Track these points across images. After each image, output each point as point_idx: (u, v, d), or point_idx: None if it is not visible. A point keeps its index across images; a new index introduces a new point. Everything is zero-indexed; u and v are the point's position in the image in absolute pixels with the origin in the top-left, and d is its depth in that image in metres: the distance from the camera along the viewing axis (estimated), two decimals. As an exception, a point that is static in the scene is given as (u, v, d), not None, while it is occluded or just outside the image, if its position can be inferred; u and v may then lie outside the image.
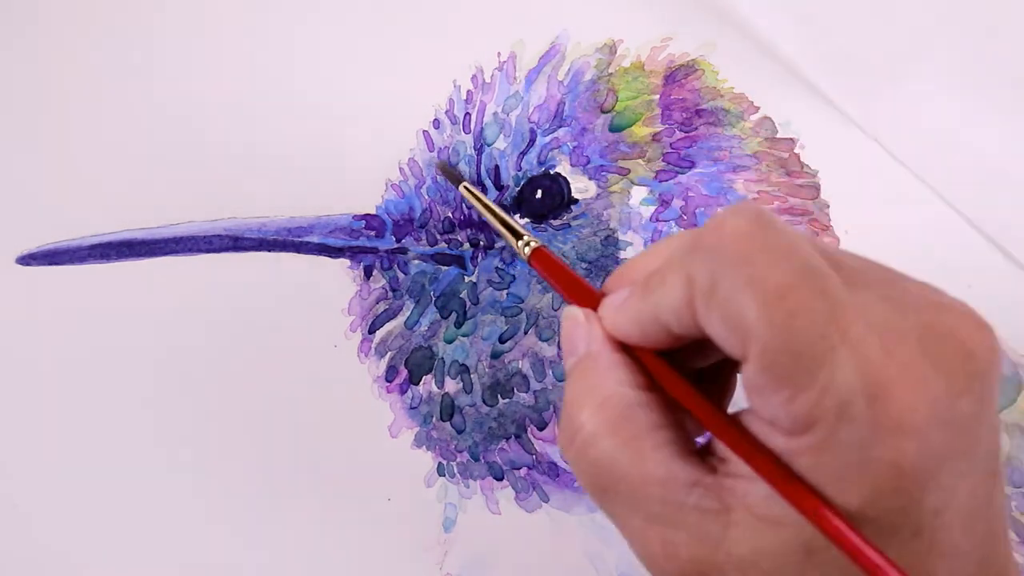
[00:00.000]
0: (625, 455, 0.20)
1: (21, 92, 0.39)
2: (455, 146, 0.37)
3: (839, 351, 0.17)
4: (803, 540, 0.19)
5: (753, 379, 0.18)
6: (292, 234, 0.37)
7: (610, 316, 0.22)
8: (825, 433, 0.18)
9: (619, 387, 0.21)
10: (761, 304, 0.18)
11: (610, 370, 0.22)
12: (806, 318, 0.17)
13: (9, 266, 0.36)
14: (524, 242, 0.28)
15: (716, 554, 0.19)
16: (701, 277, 0.19)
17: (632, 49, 0.39)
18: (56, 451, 0.35)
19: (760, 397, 0.18)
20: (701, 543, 0.19)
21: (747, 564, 0.19)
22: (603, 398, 0.21)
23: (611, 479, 0.21)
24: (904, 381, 0.18)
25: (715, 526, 0.19)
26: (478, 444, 0.35)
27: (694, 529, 0.20)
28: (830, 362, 0.17)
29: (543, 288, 0.36)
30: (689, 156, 0.37)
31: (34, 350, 0.36)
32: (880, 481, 0.18)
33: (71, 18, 0.40)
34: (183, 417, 0.35)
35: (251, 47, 0.40)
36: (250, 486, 0.35)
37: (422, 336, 0.36)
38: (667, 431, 0.21)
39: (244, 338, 0.36)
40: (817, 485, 0.18)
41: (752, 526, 0.19)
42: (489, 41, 0.39)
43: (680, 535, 0.20)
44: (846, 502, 0.18)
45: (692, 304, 0.19)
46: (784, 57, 0.39)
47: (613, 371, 0.22)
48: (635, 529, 0.21)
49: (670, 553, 0.20)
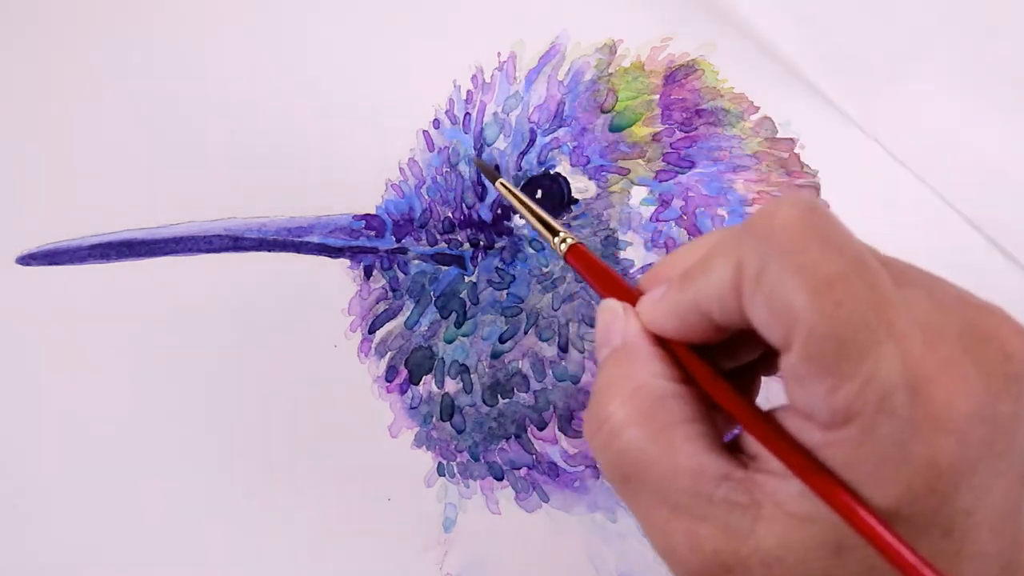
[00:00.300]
0: (655, 445, 0.20)
1: (21, 92, 0.39)
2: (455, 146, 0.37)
3: (884, 344, 0.17)
4: (834, 537, 0.18)
5: (795, 368, 0.18)
6: (292, 234, 0.37)
7: (648, 309, 0.22)
8: (864, 426, 0.18)
9: (652, 378, 0.21)
10: (810, 292, 0.18)
11: (645, 361, 0.22)
12: (853, 308, 0.17)
13: (9, 266, 0.36)
14: (560, 239, 0.28)
15: (742, 548, 0.19)
16: (750, 262, 0.19)
17: (632, 49, 0.39)
18: (56, 451, 0.35)
19: (801, 387, 0.18)
20: (727, 536, 0.19)
21: (772, 559, 0.19)
22: (635, 387, 0.21)
23: (638, 468, 0.20)
24: (945, 377, 0.18)
25: (743, 520, 0.19)
26: (478, 444, 0.35)
27: (721, 522, 0.19)
28: (875, 354, 0.17)
29: (543, 288, 0.36)
30: (689, 156, 0.37)
31: (34, 350, 0.36)
32: (916, 479, 0.18)
33: (71, 18, 0.40)
34: (183, 417, 0.35)
35: (251, 47, 0.40)
36: (250, 486, 0.35)
37: (422, 336, 0.36)
38: (699, 424, 0.21)
39: (244, 338, 0.36)
40: (851, 482, 0.18)
41: (781, 521, 0.19)
42: (489, 41, 0.39)
43: (706, 527, 0.20)
44: (881, 499, 0.18)
45: (739, 289, 0.19)
46: (784, 57, 0.39)
47: (647, 362, 0.22)
48: (659, 520, 0.20)
49: (694, 545, 0.20)
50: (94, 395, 0.36)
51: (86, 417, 0.35)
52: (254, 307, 0.37)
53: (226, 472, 0.35)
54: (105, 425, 0.35)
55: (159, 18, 0.40)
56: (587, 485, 0.35)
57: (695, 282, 0.20)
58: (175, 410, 0.36)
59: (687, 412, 0.21)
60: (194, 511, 0.35)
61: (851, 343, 0.17)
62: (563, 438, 0.35)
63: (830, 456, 0.18)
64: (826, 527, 0.18)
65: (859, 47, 0.40)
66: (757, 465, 0.20)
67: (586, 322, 0.36)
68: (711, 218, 0.37)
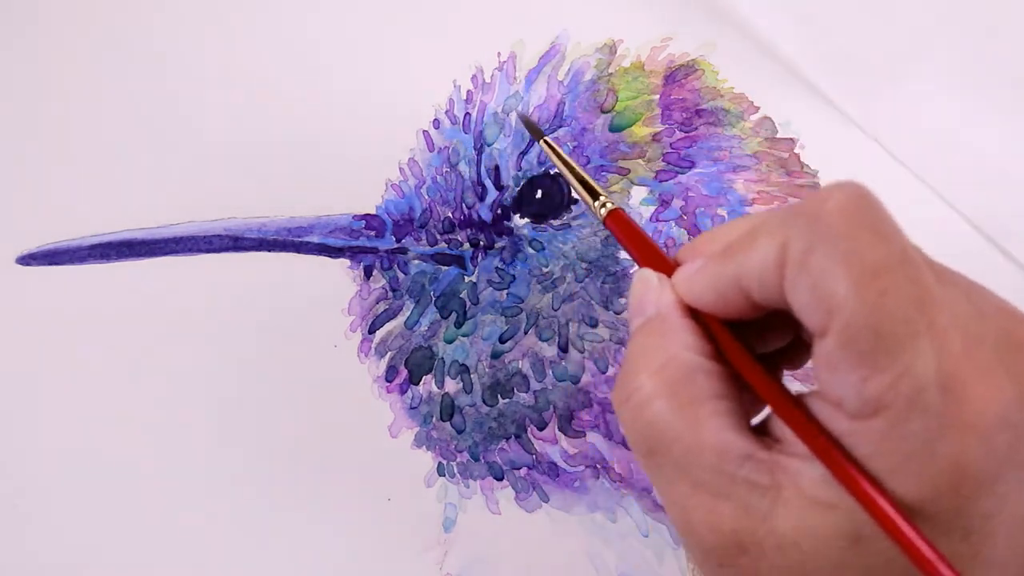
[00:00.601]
0: (681, 418, 0.20)
1: (21, 92, 0.39)
2: (455, 146, 0.37)
3: (922, 339, 0.17)
4: (852, 527, 0.18)
5: (830, 354, 0.18)
6: (292, 234, 0.37)
7: (685, 280, 0.22)
8: (894, 419, 0.18)
9: (683, 351, 0.21)
10: (854, 279, 0.18)
11: (677, 333, 0.21)
12: (896, 300, 0.17)
13: (9, 266, 0.36)
14: (600, 203, 0.27)
15: (759, 528, 0.19)
16: (797, 243, 0.19)
17: (632, 49, 0.39)
18: (56, 451, 0.35)
19: (834, 374, 0.18)
20: (747, 515, 0.19)
21: (788, 542, 0.19)
22: (666, 359, 0.21)
23: (663, 441, 0.20)
24: (979, 381, 0.18)
25: (763, 501, 0.19)
26: (478, 444, 0.35)
27: (741, 501, 0.19)
28: (912, 348, 0.17)
29: (543, 288, 0.36)
30: (689, 156, 0.37)
31: (34, 350, 0.36)
32: (941, 477, 0.18)
33: (71, 18, 0.40)
34: (183, 417, 0.35)
35: (251, 47, 0.40)
36: (250, 486, 0.35)
37: (422, 336, 0.36)
38: (727, 402, 0.21)
39: (244, 338, 0.36)
40: (875, 473, 0.18)
41: (801, 505, 0.19)
42: (489, 41, 0.39)
43: (726, 505, 0.19)
44: (904, 494, 0.18)
45: (782, 269, 0.19)
46: (784, 57, 0.39)
47: (679, 335, 0.21)
48: (679, 495, 0.20)
49: (712, 522, 0.20)
50: (94, 395, 0.36)
51: (86, 417, 0.35)
52: (254, 307, 0.37)
53: (226, 472, 0.35)
54: (105, 425, 0.35)
55: (159, 18, 0.40)
56: (587, 485, 0.35)
57: (737, 256, 0.20)
58: (175, 410, 0.36)
59: (716, 388, 0.21)
60: (194, 511, 0.35)
61: (890, 335, 0.17)
62: (563, 438, 0.35)
63: (856, 445, 0.18)
64: (845, 516, 0.18)
65: (859, 47, 0.40)
66: (782, 448, 0.20)
67: (586, 322, 0.36)
68: (711, 218, 0.37)
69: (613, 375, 0.35)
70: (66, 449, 0.35)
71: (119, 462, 0.35)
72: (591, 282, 0.36)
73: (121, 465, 0.35)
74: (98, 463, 0.35)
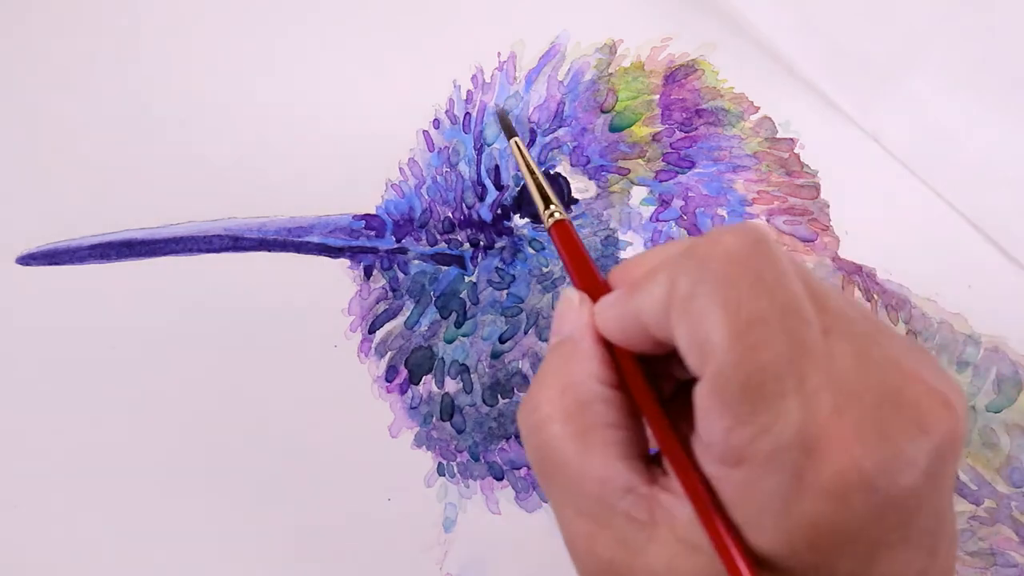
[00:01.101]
0: (572, 444, 0.20)
1: (21, 92, 0.39)
2: (455, 146, 0.37)
3: (789, 398, 0.17)
4: (715, 570, 0.18)
5: (702, 399, 0.18)
6: (292, 234, 0.37)
7: (600, 311, 0.22)
8: (752, 473, 0.18)
9: (587, 378, 0.21)
10: (728, 329, 0.18)
11: (583, 360, 0.22)
12: (767, 356, 0.17)
13: (9, 266, 0.36)
14: (550, 212, 0.27)
15: (634, 563, 0.19)
16: (682, 284, 0.19)
17: (632, 49, 0.39)
18: (56, 451, 0.35)
19: (705, 419, 0.18)
20: (623, 547, 0.20)
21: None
22: (567, 384, 0.21)
23: (553, 464, 0.21)
24: (844, 444, 0.17)
25: (639, 536, 0.19)
26: (478, 444, 0.35)
27: (619, 532, 0.20)
28: (776, 407, 0.17)
29: (543, 288, 0.36)
30: (689, 156, 0.37)
31: (34, 350, 0.36)
32: (796, 533, 0.18)
33: (71, 18, 0.40)
34: (183, 417, 0.35)
35: (251, 47, 0.40)
36: (250, 486, 0.35)
37: (422, 336, 0.36)
38: (620, 432, 0.21)
39: (244, 338, 0.36)
40: (737, 520, 0.18)
41: (672, 546, 0.19)
42: (489, 41, 0.39)
43: (604, 535, 0.20)
44: (759, 545, 0.18)
45: (668, 309, 0.19)
46: (784, 57, 0.39)
47: (586, 361, 0.22)
48: (566, 518, 0.21)
49: (591, 549, 0.20)
50: (94, 395, 0.36)
51: (86, 417, 0.35)
52: (254, 307, 0.37)
53: (226, 472, 0.35)
54: (105, 425, 0.35)
55: (160, 18, 0.40)
56: (587, 485, 0.35)
57: (638, 294, 0.20)
58: (175, 410, 0.36)
59: (612, 417, 0.21)
60: (193, 511, 0.35)
61: (756, 390, 0.17)
62: (563, 438, 0.35)
63: (723, 491, 0.18)
64: (710, 560, 0.19)
65: (859, 47, 0.40)
66: (667, 483, 0.20)
67: (586, 322, 0.36)
68: (711, 218, 0.37)
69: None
70: (66, 449, 0.35)
71: (119, 462, 0.35)
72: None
73: (121, 465, 0.35)
74: (98, 463, 0.35)
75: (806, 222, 0.37)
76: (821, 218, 0.37)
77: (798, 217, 0.37)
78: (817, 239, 0.37)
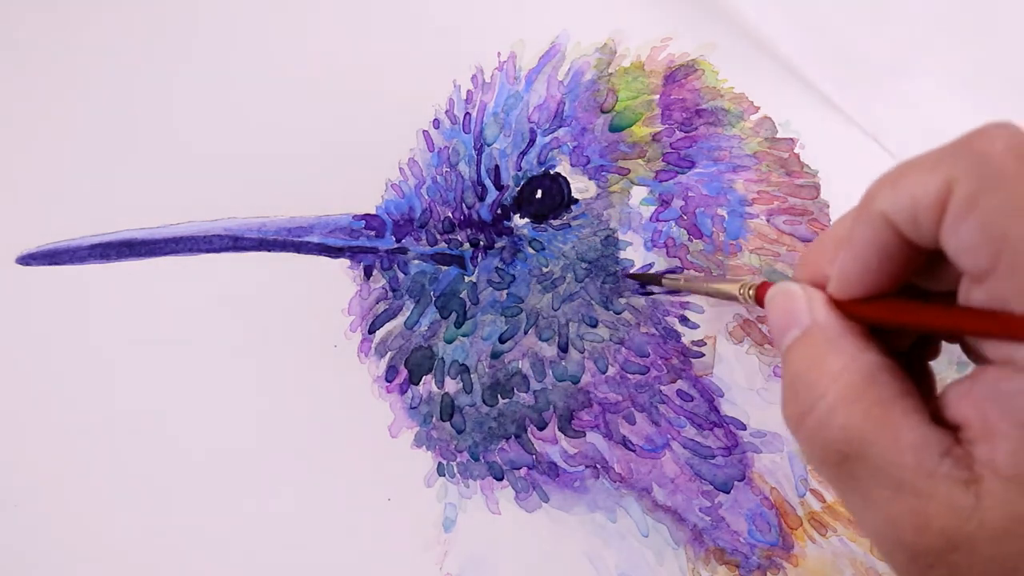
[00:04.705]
0: (872, 422, 0.20)
1: (21, 92, 0.39)
2: (455, 146, 0.37)
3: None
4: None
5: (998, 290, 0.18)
6: (292, 234, 0.37)
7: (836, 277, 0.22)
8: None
9: (859, 353, 0.21)
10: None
11: (844, 337, 0.21)
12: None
13: (9, 266, 0.36)
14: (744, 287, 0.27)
15: (967, 525, 0.18)
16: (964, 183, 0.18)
17: (632, 49, 0.39)
18: (56, 451, 0.35)
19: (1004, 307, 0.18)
20: (953, 514, 0.18)
21: (1001, 533, 0.18)
22: (842, 365, 0.20)
23: (858, 448, 0.20)
24: None
25: (967, 495, 0.18)
26: (478, 444, 0.35)
27: (945, 500, 0.19)
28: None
29: (543, 288, 0.36)
30: (689, 156, 0.37)
31: (34, 350, 0.36)
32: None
33: (72, 18, 0.40)
34: (182, 417, 0.35)
35: (251, 47, 0.40)
36: (250, 486, 0.35)
37: (422, 336, 0.36)
38: (912, 399, 0.20)
39: (244, 338, 0.36)
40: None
41: (1004, 491, 0.18)
42: (489, 41, 0.39)
43: (933, 505, 0.19)
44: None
45: (943, 205, 0.19)
46: (784, 57, 0.39)
47: (848, 337, 0.21)
48: (881, 501, 0.20)
49: (921, 525, 0.19)
50: (94, 395, 0.36)
51: (86, 417, 0.35)
52: (254, 307, 0.37)
53: (225, 472, 0.35)
54: (105, 425, 0.35)
55: (160, 18, 0.40)
56: (587, 485, 0.35)
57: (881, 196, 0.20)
58: (174, 410, 0.36)
59: (899, 384, 0.20)
60: (193, 510, 0.35)
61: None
62: (563, 438, 0.35)
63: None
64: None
65: (859, 47, 0.40)
66: (967, 435, 0.19)
67: (586, 322, 0.36)
68: (711, 218, 0.37)
69: (613, 375, 0.35)
70: (67, 449, 0.35)
71: (119, 462, 0.35)
72: (591, 282, 0.36)
73: (121, 465, 0.35)
74: (98, 463, 0.35)
75: (806, 222, 0.37)
76: (821, 218, 0.37)
77: (798, 217, 0.37)
78: (817, 239, 0.37)
